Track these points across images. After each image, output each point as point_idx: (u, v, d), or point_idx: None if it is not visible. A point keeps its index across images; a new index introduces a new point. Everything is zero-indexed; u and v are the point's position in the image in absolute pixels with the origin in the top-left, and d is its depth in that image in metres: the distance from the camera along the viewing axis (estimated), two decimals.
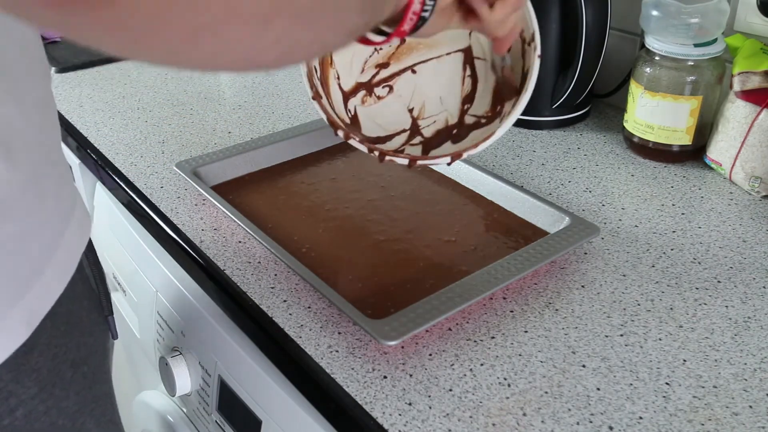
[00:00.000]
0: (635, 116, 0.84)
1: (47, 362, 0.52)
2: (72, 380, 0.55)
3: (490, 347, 0.58)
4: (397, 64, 0.66)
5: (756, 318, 0.60)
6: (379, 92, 0.66)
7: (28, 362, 0.51)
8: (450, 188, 0.79)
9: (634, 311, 0.61)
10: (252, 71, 0.33)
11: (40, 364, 0.52)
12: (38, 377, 0.52)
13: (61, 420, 0.55)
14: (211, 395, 0.69)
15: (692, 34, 0.78)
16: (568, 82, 0.89)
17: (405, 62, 0.66)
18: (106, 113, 1.00)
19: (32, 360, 0.51)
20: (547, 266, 0.67)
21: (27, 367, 0.51)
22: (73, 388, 0.55)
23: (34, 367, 0.51)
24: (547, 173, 0.83)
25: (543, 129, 0.94)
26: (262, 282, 0.65)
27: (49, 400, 0.53)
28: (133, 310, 0.86)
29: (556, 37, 0.89)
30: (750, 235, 0.71)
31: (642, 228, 0.73)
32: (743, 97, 0.77)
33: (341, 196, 0.78)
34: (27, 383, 0.51)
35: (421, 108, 0.65)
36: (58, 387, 0.54)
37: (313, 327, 0.60)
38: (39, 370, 0.52)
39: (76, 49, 1.20)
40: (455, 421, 0.51)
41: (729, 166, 0.80)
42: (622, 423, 0.51)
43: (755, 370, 0.55)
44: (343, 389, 0.54)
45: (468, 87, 0.64)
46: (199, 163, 0.80)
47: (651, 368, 0.55)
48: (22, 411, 0.51)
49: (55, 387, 0.53)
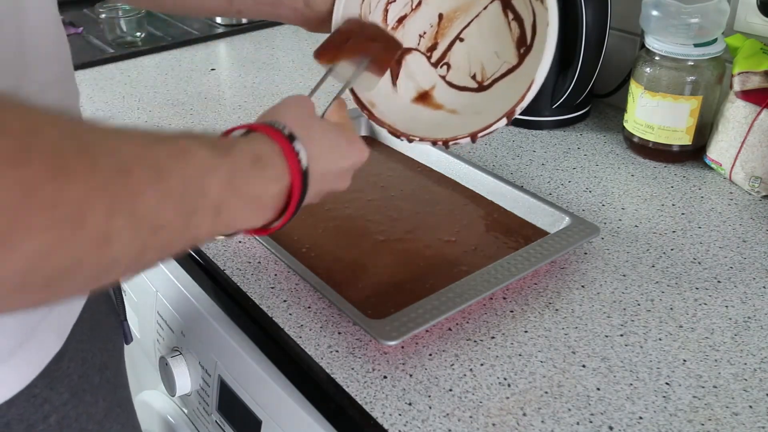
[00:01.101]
0: (635, 116, 0.84)
1: (77, 368, 0.53)
2: (99, 385, 0.56)
3: (490, 347, 0.58)
4: (444, 40, 0.66)
5: (756, 318, 0.60)
6: (441, 73, 0.66)
7: (60, 369, 0.51)
8: (450, 188, 0.79)
9: (634, 311, 0.61)
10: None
11: (71, 370, 0.52)
12: (70, 383, 0.52)
13: (91, 425, 0.55)
14: (211, 395, 0.69)
15: (692, 34, 0.78)
16: (568, 82, 0.89)
17: (450, 35, 0.66)
18: (106, 113, 1.00)
19: (63, 366, 0.52)
20: (547, 266, 0.67)
21: (59, 373, 0.51)
22: (101, 394, 0.56)
23: (66, 372, 0.52)
24: (547, 173, 0.83)
25: (543, 129, 0.94)
26: (262, 282, 0.65)
27: (80, 406, 0.54)
28: (133, 310, 0.86)
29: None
30: (750, 235, 0.71)
31: (642, 228, 0.73)
32: (743, 97, 0.77)
33: (341, 196, 0.78)
34: (60, 389, 0.51)
35: (482, 70, 0.65)
36: (88, 393, 0.54)
37: (313, 327, 0.60)
38: (70, 376, 0.52)
39: (76, 49, 1.20)
40: (455, 421, 0.51)
41: (729, 166, 0.80)
42: (622, 423, 0.51)
43: (755, 370, 0.55)
44: (343, 389, 0.54)
45: (516, 30, 0.63)
46: None
47: (651, 368, 0.55)
48: (55, 417, 0.51)
49: (85, 393, 0.54)
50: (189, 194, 0.35)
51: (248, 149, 0.41)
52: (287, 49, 1.23)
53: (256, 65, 1.16)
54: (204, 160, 0.37)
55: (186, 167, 0.36)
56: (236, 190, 0.39)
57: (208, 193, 0.37)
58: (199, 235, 0.37)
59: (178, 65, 1.17)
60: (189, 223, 0.36)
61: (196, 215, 0.36)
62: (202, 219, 0.37)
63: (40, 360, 0.49)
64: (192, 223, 0.36)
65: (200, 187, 0.36)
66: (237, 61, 1.20)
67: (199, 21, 1.36)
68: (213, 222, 0.38)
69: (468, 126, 0.59)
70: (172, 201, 0.34)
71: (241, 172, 0.39)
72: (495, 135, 0.92)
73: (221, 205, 0.38)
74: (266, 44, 1.26)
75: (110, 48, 1.23)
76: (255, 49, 1.24)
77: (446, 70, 0.66)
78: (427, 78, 0.66)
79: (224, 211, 0.38)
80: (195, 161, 0.36)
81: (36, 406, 0.50)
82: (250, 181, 0.40)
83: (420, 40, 0.66)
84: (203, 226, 0.37)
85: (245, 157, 0.40)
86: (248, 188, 0.40)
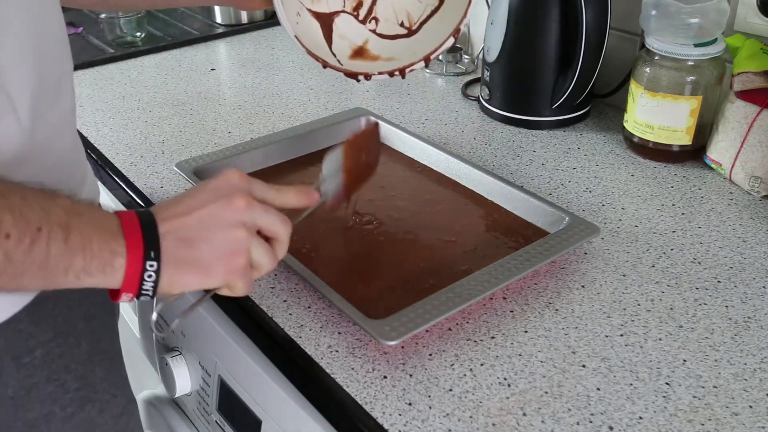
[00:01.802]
0: (635, 116, 0.84)
1: (63, 311, 0.57)
2: (83, 331, 0.59)
3: (490, 347, 0.58)
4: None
5: (756, 318, 0.60)
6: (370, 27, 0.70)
7: (45, 309, 0.55)
8: (450, 188, 0.79)
9: (634, 311, 0.61)
10: None
11: (56, 312, 0.56)
12: (54, 323, 0.56)
13: (74, 365, 0.59)
14: (211, 395, 0.69)
15: (692, 34, 0.78)
16: (568, 82, 0.89)
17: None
18: (106, 113, 1.00)
19: (48, 307, 0.55)
20: (547, 266, 0.67)
21: (44, 312, 0.55)
22: (84, 339, 0.60)
23: (51, 313, 0.56)
24: (547, 173, 0.83)
25: (543, 129, 0.94)
26: (262, 282, 0.65)
27: (63, 345, 0.57)
28: (133, 310, 0.86)
29: (556, 37, 0.89)
30: (750, 235, 0.71)
31: (642, 228, 0.73)
32: (743, 97, 0.77)
33: None
34: (44, 326, 0.55)
35: (408, 16, 0.69)
36: (72, 336, 0.58)
37: (313, 327, 0.60)
38: (55, 317, 0.56)
39: (76, 49, 1.20)
40: (455, 421, 0.51)
41: (729, 166, 0.80)
42: (622, 423, 0.51)
43: (755, 370, 0.55)
44: (343, 389, 0.54)
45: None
46: (199, 163, 0.80)
47: (651, 368, 0.55)
48: (40, 351, 0.55)
49: (69, 336, 0.58)
50: (32, 212, 0.41)
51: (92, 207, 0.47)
52: (287, 49, 1.23)
53: (256, 65, 1.16)
54: (46, 195, 0.44)
55: (30, 192, 0.43)
56: (80, 215, 0.44)
57: (52, 213, 0.42)
58: (49, 254, 0.42)
59: (178, 65, 1.17)
60: (37, 237, 0.41)
61: (41, 231, 0.41)
62: (51, 235, 0.42)
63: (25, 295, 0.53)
64: (40, 238, 0.41)
65: (43, 208, 0.42)
66: (237, 61, 1.20)
67: (199, 21, 1.36)
68: (66, 243, 0.42)
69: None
70: (11, 214, 0.40)
71: (81, 205, 0.45)
72: (495, 135, 0.92)
73: (68, 224, 0.42)
74: (266, 44, 1.26)
75: (110, 48, 1.23)
76: (255, 49, 1.24)
77: (375, 24, 0.70)
78: (358, 34, 0.70)
79: (73, 230, 0.43)
80: (37, 192, 0.43)
81: (22, 340, 0.54)
82: (92, 211, 0.45)
83: (345, 2, 0.70)
84: (54, 245, 0.42)
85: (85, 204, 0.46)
86: (92, 215, 0.45)
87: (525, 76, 0.93)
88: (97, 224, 0.44)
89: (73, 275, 0.43)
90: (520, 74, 0.94)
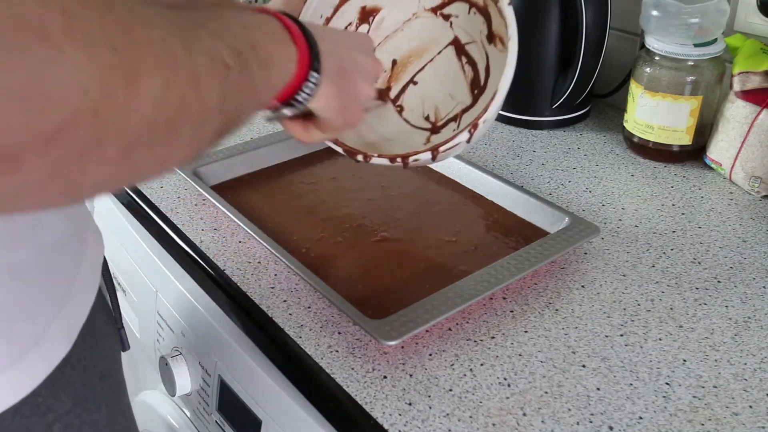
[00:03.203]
0: (635, 116, 0.84)
1: (80, 375, 0.53)
2: (101, 393, 0.56)
3: (490, 347, 0.58)
4: (398, 84, 0.67)
5: (756, 318, 0.60)
6: None
7: (63, 376, 0.51)
8: (450, 188, 0.79)
9: (634, 311, 0.61)
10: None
11: (74, 378, 0.52)
12: (73, 391, 0.52)
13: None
14: (211, 395, 0.69)
15: (692, 34, 0.78)
16: (568, 82, 0.89)
17: (404, 79, 0.67)
18: None
19: (66, 374, 0.51)
20: (547, 266, 0.67)
21: (62, 381, 0.51)
22: (103, 401, 0.56)
23: (69, 380, 0.51)
24: (547, 173, 0.83)
25: (543, 129, 0.94)
26: (262, 282, 0.65)
27: (83, 414, 0.53)
28: (133, 310, 0.86)
29: (556, 37, 0.89)
30: (750, 235, 0.71)
31: (642, 228, 0.73)
32: (743, 97, 0.77)
33: (341, 196, 0.78)
34: (63, 397, 0.51)
35: (435, 111, 0.65)
36: (91, 401, 0.54)
37: (313, 327, 0.60)
38: (73, 384, 0.52)
39: None
40: (455, 421, 0.51)
41: (729, 166, 0.80)
42: (622, 423, 0.51)
43: (755, 370, 0.55)
44: (343, 389, 0.54)
45: (470, 73, 0.64)
46: (199, 163, 0.80)
47: (651, 368, 0.55)
48: (58, 426, 0.51)
49: (88, 401, 0.54)
50: (228, 34, 0.37)
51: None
52: None
53: None
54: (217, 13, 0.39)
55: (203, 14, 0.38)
56: (256, 27, 0.41)
57: (238, 35, 0.38)
58: (253, 77, 0.38)
59: None
60: (243, 64, 0.37)
61: (241, 56, 0.37)
62: (248, 56, 0.38)
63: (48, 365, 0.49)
64: (243, 62, 0.37)
65: (227, 27, 0.38)
66: None
67: None
68: (256, 59, 0.39)
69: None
70: (221, 41, 0.36)
71: (245, 14, 0.41)
72: (495, 135, 0.92)
73: (252, 40, 0.39)
74: None
75: None
76: None
77: (399, 111, 0.67)
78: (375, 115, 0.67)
79: (258, 45, 0.39)
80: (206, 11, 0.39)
81: (39, 415, 0.50)
82: (257, 18, 0.42)
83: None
84: (252, 64, 0.38)
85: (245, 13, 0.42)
86: (259, 23, 0.42)
87: (525, 76, 0.93)
88: (270, 33, 0.42)
89: (263, 91, 0.41)
90: (520, 74, 0.94)
